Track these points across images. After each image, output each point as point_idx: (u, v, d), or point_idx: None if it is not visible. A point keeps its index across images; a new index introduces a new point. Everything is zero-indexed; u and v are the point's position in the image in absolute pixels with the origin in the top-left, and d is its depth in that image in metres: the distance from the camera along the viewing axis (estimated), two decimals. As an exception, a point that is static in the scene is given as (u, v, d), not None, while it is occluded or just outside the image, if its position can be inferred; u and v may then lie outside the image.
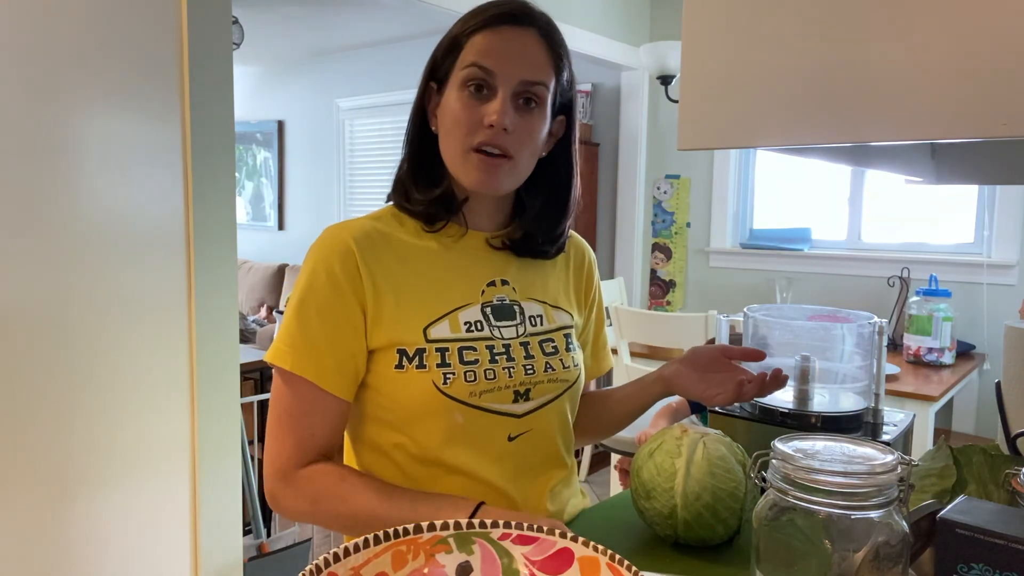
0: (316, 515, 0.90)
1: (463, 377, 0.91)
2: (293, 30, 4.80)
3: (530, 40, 0.91)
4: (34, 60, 1.41)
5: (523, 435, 0.96)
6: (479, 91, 0.90)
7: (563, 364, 0.99)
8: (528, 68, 0.90)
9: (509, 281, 0.99)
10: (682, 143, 0.58)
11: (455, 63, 0.92)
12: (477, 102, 0.90)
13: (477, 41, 0.90)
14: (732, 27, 0.54)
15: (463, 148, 0.91)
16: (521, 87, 0.90)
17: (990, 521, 0.63)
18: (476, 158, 0.90)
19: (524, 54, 0.90)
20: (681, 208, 4.01)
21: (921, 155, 1.14)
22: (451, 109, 0.91)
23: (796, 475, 0.64)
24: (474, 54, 0.90)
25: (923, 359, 2.79)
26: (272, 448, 0.91)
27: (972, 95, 0.46)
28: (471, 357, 0.92)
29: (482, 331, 0.94)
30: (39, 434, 1.45)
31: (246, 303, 5.57)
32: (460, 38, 0.92)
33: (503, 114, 0.89)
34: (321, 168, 5.58)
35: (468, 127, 0.90)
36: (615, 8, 3.68)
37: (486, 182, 0.91)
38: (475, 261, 0.98)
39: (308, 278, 0.91)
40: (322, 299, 0.89)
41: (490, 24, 0.90)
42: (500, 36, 0.90)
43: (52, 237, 1.44)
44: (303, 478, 0.90)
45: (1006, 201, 3.07)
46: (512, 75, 0.90)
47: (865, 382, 1.09)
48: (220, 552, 1.76)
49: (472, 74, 0.90)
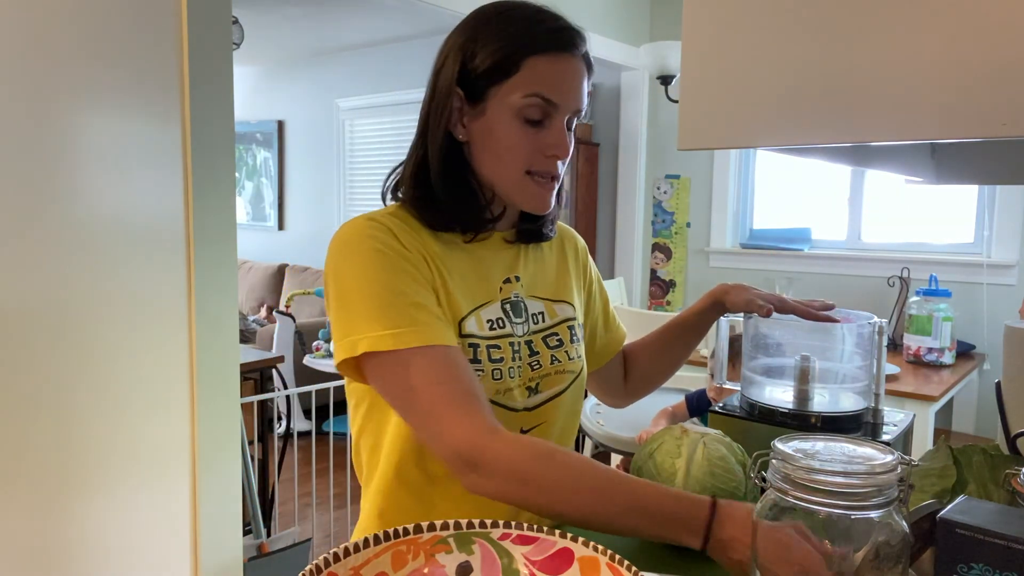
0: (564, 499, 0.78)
1: (491, 375, 0.92)
2: (293, 30, 4.80)
3: (580, 69, 0.91)
4: (34, 60, 1.40)
5: (535, 428, 0.97)
6: (537, 120, 0.90)
7: (568, 356, 1.01)
8: (580, 97, 0.91)
9: (521, 278, 1.00)
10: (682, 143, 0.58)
11: (504, 82, 0.88)
12: (534, 129, 0.90)
13: (537, 67, 0.87)
14: (732, 27, 0.54)
15: (518, 173, 0.91)
16: (572, 115, 0.92)
17: (990, 521, 0.63)
18: (532, 182, 0.92)
19: (578, 85, 0.91)
20: (681, 208, 4.01)
21: (921, 155, 1.14)
22: (504, 134, 0.89)
23: (796, 475, 0.64)
24: (537, 84, 0.87)
25: (923, 359, 2.78)
26: (456, 420, 0.79)
27: (972, 95, 0.46)
28: (497, 355, 0.93)
29: (504, 328, 0.95)
30: (39, 434, 1.45)
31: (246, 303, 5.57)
32: (514, 56, 0.87)
33: (568, 147, 0.91)
34: (321, 168, 5.58)
35: (527, 154, 0.90)
36: (615, 8, 3.68)
37: (544, 205, 0.93)
38: (493, 259, 0.99)
39: (371, 258, 0.84)
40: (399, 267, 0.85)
41: (551, 49, 0.88)
42: (561, 65, 0.88)
43: (52, 237, 1.44)
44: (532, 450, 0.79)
45: (1006, 201, 3.07)
46: (570, 106, 0.91)
47: (865, 382, 1.09)
48: (220, 552, 1.76)
49: (535, 105, 0.88)
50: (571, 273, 1.09)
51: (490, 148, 0.91)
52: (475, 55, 0.89)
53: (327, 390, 2.84)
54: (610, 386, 1.22)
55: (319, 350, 3.88)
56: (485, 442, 0.78)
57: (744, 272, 3.78)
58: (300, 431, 3.99)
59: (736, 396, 1.15)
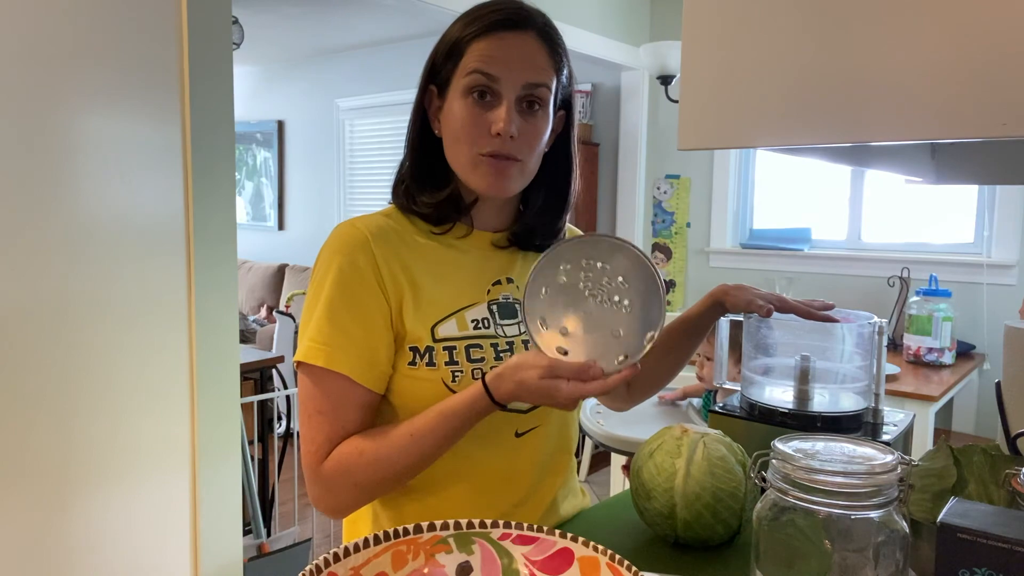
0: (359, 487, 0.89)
1: (471, 375, 0.92)
2: (293, 30, 4.80)
3: (530, 43, 0.91)
4: (34, 60, 1.40)
5: (531, 431, 0.97)
6: (483, 97, 0.90)
7: None
8: (530, 71, 0.91)
9: (514, 279, 1.00)
10: (682, 143, 0.58)
11: (456, 69, 0.92)
12: (482, 109, 0.90)
13: (478, 47, 0.90)
14: (732, 27, 0.54)
15: (471, 155, 0.92)
16: (524, 91, 0.91)
17: (991, 524, 0.62)
18: (485, 164, 0.91)
19: (525, 58, 0.91)
20: (681, 208, 4.01)
21: (921, 155, 1.14)
22: (456, 116, 0.92)
23: (796, 475, 0.64)
24: (476, 60, 0.90)
25: (923, 359, 2.78)
26: (306, 449, 0.90)
27: (972, 95, 0.46)
28: (477, 355, 0.93)
29: (488, 328, 0.95)
30: (39, 434, 1.45)
31: (246, 303, 5.57)
32: (460, 44, 0.92)
33: (509, 122, 0.89)
34: (321, 168, 5.58)
35: (475, 135, 0.91)
36: (615, 8, 3.68)
37: (497, 186, 0.92)
38: (482, 260, 0.99)
39: (333, 274, 0.90)
40: (350, 293, 0.89)
41: (490, 30, 0.90)
42: (501, 42, 0.90)
43: (52, 237, 1.44)
44: (329, 467, 0.89)
45: (1006, 201, 3.07)
46: (515, 80, 0.90)
47: (865, 382, 1.09)
48: (220, 552, 1.76)
49: (475, 81, 0.90)
50: None
51: (450, 133, 0.94)
52: (437, 51, 0.95)
53: (327, 390, 2.83)
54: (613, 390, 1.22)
55: (319, 350, 3.87)
56: (315, 464, 0.90)
57: (744, 272, 3.78)
58: (300, 431, 3.98)
59: (736, 396, 1.15)
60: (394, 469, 0.87)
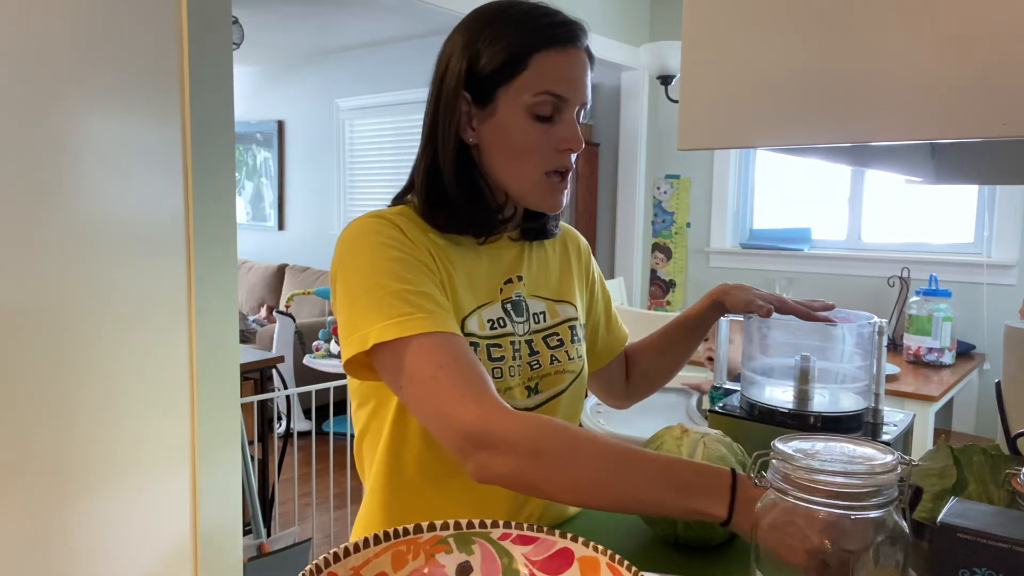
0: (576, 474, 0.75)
1: (492, 374, 0.91)
2: (293, 30, 4.80)
3: (584, 61, 0.92)
4: (34, 60, 1.40)
5: None
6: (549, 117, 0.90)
7: (568, 355, 1.01)
8: (587, 90, 0.92)
9: (523, 277, 1.01)
10: (682, 143, 0.58)
11: (512, 81, 0.88)
12: (545, 126, 0.90)
13: (546, 63, 0.87)
14: (732, 27, 0.54)
15: (538, 173, 0.91)
16: (580, 108, 0.92)
17: (992, 524, 0.62)
18: (550, 183, 0.92)
19: (584, 77, 0.91)
20: (681, 208, 4.01)
21: (921, 155, 1.14)
22: (519, 133, 0.89)
23: (796, 475, 0.64)
24: (547, 80, 0.87)
25: (923, 359, 2.78)
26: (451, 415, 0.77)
27: (972, 95, 0.46)
28: (498, 354, 0.93)
29: (504, 327, 0.95)
30: (39, 434, 1.45)
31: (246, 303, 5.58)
32: (522, 56, 0.87)
33: (581, 140, 0.91)
34: (321, 168, 5.58)
35: (543, 152, 0.90)
36: (615, 8, 3.68)
37: (557, 205, 0.94)
38: (496, 258, 0.99)
39: (371, 255, 0.84)
40: (396, 259, 0.84)
41: (556, 44, 0.88)
42: (568, 59, 0.89)
43: (52, 237, 1.44)
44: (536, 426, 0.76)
45: (1006, 201, 3.07)
46: (578, 99, 0.91)
47: (865, 382, 1.09)
48: (220, 552, 1.76)
49: (546, 102, 0.88)
50: (573, 273, 1.09)
51: (504, 150, 0.90)
52: (480, 56, 0.88)
53: (327, 390, 2.84)
54: (612, 386, 1.22)
55: (319, 350, 3.88)
56: (494, 418, 0.76)
57: (744, 272, 3.78)
58: (300, 431, 3.99)
59: (736, 396, 1.15)
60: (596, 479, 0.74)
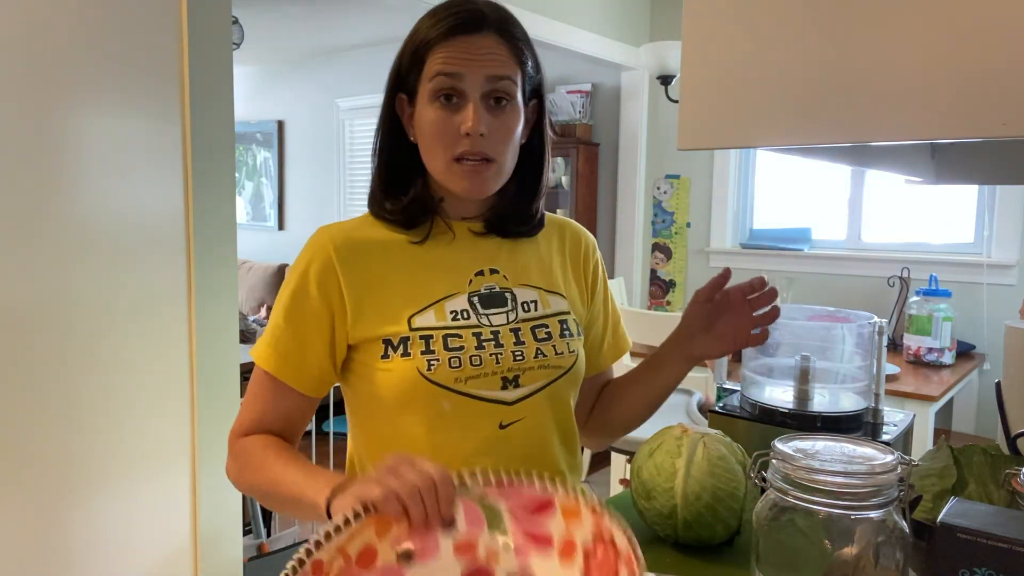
0: (240, 482, 0.97)
1: (447, 363, 0.91)
2: (293, 30, 4.79)
3: (489, 43, 0.93)
4: (34, 60, 1.40)
5: (516, 423, 0.95)
6: (449, 100, 0.92)
7: (556, 350, 0.98)
8: (491, 66, 0.92)
9: (499, 269, 1.00)
10: (682, 143, 0.58)
11: (420, 76, 0.94)
12: (450, 112, 0.92)
13: (439, 53, 0.92)
14: (732, 27, 0.54)
15: (446, 160, 0.93)
16: (488, 85, 0.92)
17: (992, 524, 0.62)
18: (460, 168, 0.93)
19: (485, 56, 0.92)
20: (681, 208, 4.01)
21: (921, 155, 1.14)
22: (427, 122, 0.93)
23: (796, 475, 0.64)
24: (438, 64, 0.92)
25: (923, 359, 2.78)
26: (235, 420, 1.01)
27: (972, 95, 0.46)
28: (456, 344, 0.93)
29: (468, 319, 0.95)
30: (40, 434, 1.45)
31: (246, 303, 5.57)
32: (421, 51, 0.94)
33: (477, 121, 0.90)
34: (321, 168, 5.57)
35: (447, 139, 0.92)
36: (615, 8, 3.68)
37: (475, 188, 0.94)
38: (462, 251, 0.99)
39: (286, 279, 0.98)
40: (289, 300, 0.96)
41: (448, 36, 0.92)
42: (461, 45, 0.92)
43: (52, 237, 1.44)
44: (239, 446, 0.97)
45: (1006, 201, 3.07)
46: (478, 76, 0.91)
47: (865, 382, 1.09)
48: (220, 552, 1.76)
49: (440, 84, 0.91)
50: (569, 267, 1.08)
51: (421, 140, 0.95)
52: (401, 59, 0.96)
53: (327, 390, 2.84)
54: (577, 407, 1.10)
55: (319, 350, 3.87)
56: (232, 437, 0.99)
57: (744, 272, 3.77)
58: (300, 431, 3.97)
59: (736, 396, 1.15)
60: (260, 489, 0.94)
